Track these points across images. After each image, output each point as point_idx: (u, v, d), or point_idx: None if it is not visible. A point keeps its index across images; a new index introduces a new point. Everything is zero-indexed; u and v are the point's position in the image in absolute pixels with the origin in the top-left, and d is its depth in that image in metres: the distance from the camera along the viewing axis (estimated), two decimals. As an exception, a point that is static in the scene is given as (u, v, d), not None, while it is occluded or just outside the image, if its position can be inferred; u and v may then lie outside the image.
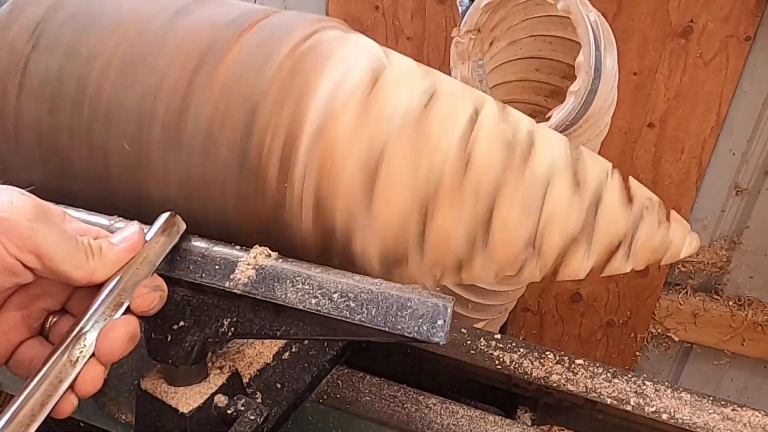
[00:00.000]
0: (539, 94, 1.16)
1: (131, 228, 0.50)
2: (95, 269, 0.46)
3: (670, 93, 1.57)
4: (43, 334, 0.50)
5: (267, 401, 0.65)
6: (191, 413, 0.56)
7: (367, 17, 1.73)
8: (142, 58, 0.58)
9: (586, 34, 0.88)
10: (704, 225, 1.76)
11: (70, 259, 0.45)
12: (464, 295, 1.15)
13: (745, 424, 0.73)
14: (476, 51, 1.02)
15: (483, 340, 0.83)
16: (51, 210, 0.47)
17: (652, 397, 0.76)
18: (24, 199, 0.45)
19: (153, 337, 0.55)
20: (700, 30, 1.49)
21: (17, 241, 0.42)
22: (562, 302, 1.94)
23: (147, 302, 0.49)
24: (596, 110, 0.93)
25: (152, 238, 0.50)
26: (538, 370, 0.79)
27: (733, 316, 1.78)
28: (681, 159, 1.64)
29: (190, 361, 0.55)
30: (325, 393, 0.76)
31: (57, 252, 0.44)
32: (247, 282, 0.50)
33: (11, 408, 0.42)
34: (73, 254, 0.45)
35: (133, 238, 0.49)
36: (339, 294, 0.48)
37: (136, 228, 0.50)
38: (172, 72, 0.56)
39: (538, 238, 0.57)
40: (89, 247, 0.46)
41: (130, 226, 0.50)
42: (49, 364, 0.44)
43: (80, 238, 0.46)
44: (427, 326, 0.46)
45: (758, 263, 1.76)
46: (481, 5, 0.97)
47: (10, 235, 0.42)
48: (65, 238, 0.45)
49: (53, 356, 0.44)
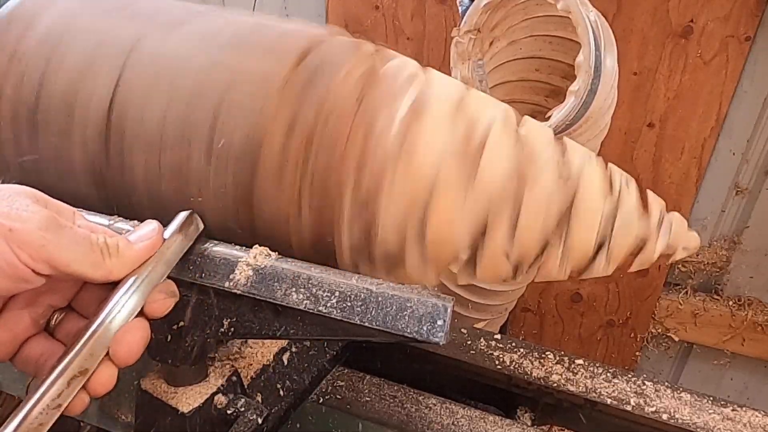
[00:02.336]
0: (539, 94, 1.16)
1: (150, 226, 0.49)
2: (113, 268, 0.46)
3: (670, 93, 1.57)
4: (48, 330, 0.50)
5: (267, 401, 0.65)
6: (191, 413, 0.56)
7: (367, 17, 1.73)
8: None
9: (586, 34, 0.88)
10: (704, 225, 1.76)
11: (86, 259, 0.45)
12: (464, 295, 1.15)
13: (745, 424, 0.73)
14: (476, 51, 1.02)
15: (483, 340, 0.83)
16: (61, 211, 0.47)
17: (652, 397, 0.76)
18: (34, 207, 0.44)
19: (153, 337, 0.55)
20: (700, 30, 1.49)
21: (30, 251, 0.42)
22: (562, 302, 1.94)
23: (162, 308, 0.49)
24: (596, 110, 0.93)
25: (170, 237, 0.50)
26: (538, 370, 0.79)
27: (733, 316, 1.78)
28: (681, 159, 1.64)
29: (190, 361, 0.55)
30: (325, 393, 0.76)
31: (71, 256, 0.44)
32: (247, 282, 0.50)
33: (26, 405, 0.42)
34: (88, 255, 0.45)
35: (152, 236, 0.49)
36: (339, 294, 0.48)
37: (155, 226, 0.49)
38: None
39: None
40: (105, 246, 0.46)
41: (149, 224, 0.50)
42: (65, 362, 0.44)
43: (94, 237, 0.46)
44: (427, 326, 0.46)
45: (758, 263, 1.76)
46: (481, 5, 0.97)
47: (23, 246, 0.42)
48: (78, 241, 0.45)
49: (69, 354, 0.44)
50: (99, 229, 0.48)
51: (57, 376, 0.43)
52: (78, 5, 0.62)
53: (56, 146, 0.59)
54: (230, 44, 0.57)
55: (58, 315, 0.50)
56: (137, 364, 0.47)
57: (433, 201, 0.52)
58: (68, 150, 0.58)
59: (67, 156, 0.59)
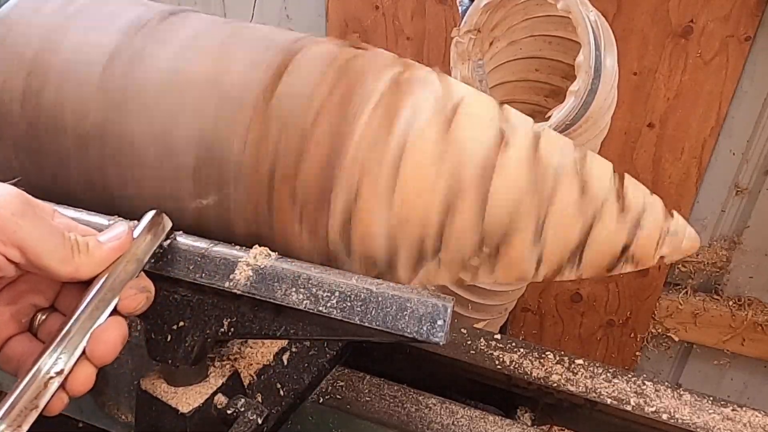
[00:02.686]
0: (539, 94, 1.16)
1: (120, 227, 0.50)
2: (80, 265, 0.46)
3: (670, 93, 1.57)
4: (32, 330, 0.50)
5: (267, 401, 0.65)
6: (191, 413, 0.56)
7: (367, 17, 1.73)
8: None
9: (586, 34, 0.88)
10: (704, 225, 1.76)
11: (56, 254, 0.45)
12: (464, 295, 1.15)
13: (745, 424, 0.73)
14: (476, 51, 1.02)
15: (483, 340, 0.83)
16: (39, 205, 0.47)
17: (652, 397, 0.76)
18: (10, 193, 0.44)
19: (153, 337, 0.55)
20: (700, 30, 1.49)
21: (1, 236, 0.42)
22: (562, 302, 1.94)
23: (134, 303, 0.49)
24: (596, 110, 0.93)
25: (139, 236, 0.50)
26: (538, 370, 0.79)
27: (733, 316, 1.78)
28: (681, 159, 1.64)
29: (190, 361, 0.55)
30: (325, 393, 0.76)
31: (42, 247, 0.44)
32: (246, 282, 0.50)
33: (3, 406, 0.42)
34: (58, 249, 0.45)
35: (122, 236, 0.49)
36: (339, 294, 0.48)
37: (125, 228, 0.50)
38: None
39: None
40: (76, 243, 0.46)
41: (118, 225, 0.50)
42: (39, 363, 0.44)
43: (67, 234, 0.46)
44: (426, 326, 0.46)
45: (758, 263, 1.76)
46: (481, 5, 0.97)
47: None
48: (51, 233, 0.45)
49: (44, 354, 0.44)
50: (76, 228, 0.49)
51: (33, 377, 0.43)
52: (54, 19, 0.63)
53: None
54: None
55: (41, 315, 0.50)
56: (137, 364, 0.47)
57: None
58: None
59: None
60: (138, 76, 0.58)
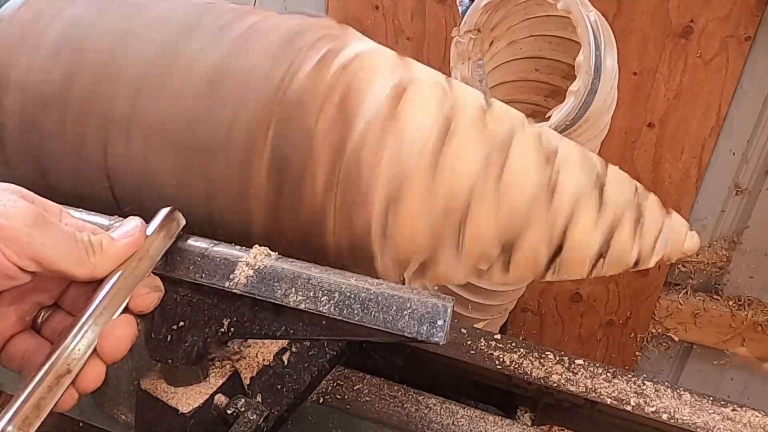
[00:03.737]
0: (539, 94, 1.16)
1: (132, 223, 0.50)
2: (96, 265, 0.46)
3: (670, 93, 1.57)
4: (35, 327, 0.50)
5: (267, 401, 0.65)
6: (191, 413, 0.56)
7: (367, 17, 1.73)
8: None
9: (586, 34, 0.88)
10: (704, 225, 1.76)
11: (71, 257, 0.45)
12: (464, 295, 1.15)
13: (745, 424, 0.73)
14: (476, 51, 1.02)
15: (483, 340, 0.83)
16: (47, 208, 0.47)
17: (652, 397, 0.76)
18: (21, 203, 0.44)
19: (153, 337, 0.55)
20: (700, 30, 1.49)
21: (16, 248, 0.42)
22: (562, 302, 1.94)
23: (146, 302, 0.49)
24: (596, 110, 0.93)
25: (152, 233, 0.50)
26: (538, 370, 0.79)
27: (733, 316, 1.78)
28: (681, 159, 1.64)
29: (190, 361, 0.55)
30: (325, 393, 0.76)
31: (57, 254, 0.44)
32: (247, 282, 0.50)
33: (16, 402, 0.42)
34: (73, 252, 0.45)
35: (135, 233, 0.49)
36: (339, 294, 0.48)
37: (138, 223, 0.50)
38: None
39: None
40: (89, 244, 0.46)
41: (131, 220, 0.50)
42: (53, 359, 0.44)
43: (79, 235, 0.46)
44: (427, 326, 0.46)
45: (758, 263, 1.76)
46: (481, 5, 0.97)
47: (9, 243, 0.42)
48: (64, 238, 0.45)
49: (56, 350, 0.44)
50: (85, 227, 0.48)
51: (45, 374, 0.43)
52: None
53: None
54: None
55: (44, 313, 0.50)
56: (137, 364, 0.47)
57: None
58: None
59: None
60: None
